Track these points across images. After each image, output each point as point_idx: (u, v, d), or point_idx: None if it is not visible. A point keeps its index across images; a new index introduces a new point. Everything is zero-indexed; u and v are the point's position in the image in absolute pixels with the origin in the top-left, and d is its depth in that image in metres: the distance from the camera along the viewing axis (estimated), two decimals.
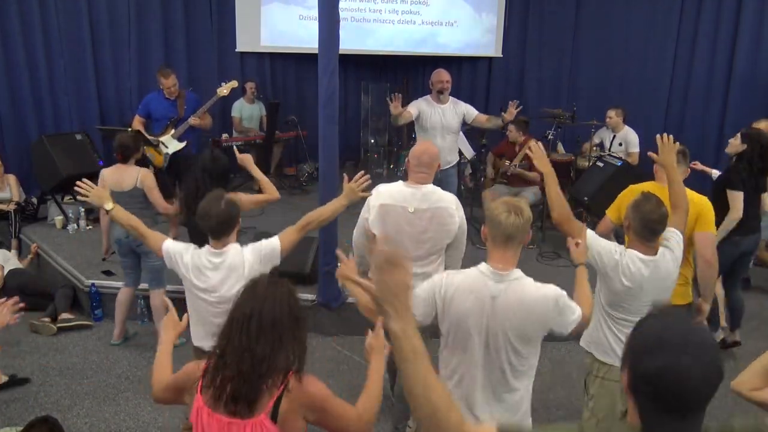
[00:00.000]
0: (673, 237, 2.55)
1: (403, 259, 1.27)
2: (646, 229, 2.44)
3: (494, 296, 2.03)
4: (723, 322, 4.36)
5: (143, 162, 5.35)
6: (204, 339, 2.62)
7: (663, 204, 2.47)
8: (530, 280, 2.11)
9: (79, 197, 2.86)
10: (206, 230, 2.55)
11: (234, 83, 5.70)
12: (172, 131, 5.35)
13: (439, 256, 2.98)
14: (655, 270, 2.46)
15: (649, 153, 2.95)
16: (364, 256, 3.07)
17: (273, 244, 2.61)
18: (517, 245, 2.08)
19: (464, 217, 2.96)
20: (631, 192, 3.11)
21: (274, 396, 1.61)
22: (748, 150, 3.91)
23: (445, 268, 3.06)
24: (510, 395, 2.12)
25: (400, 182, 2.98)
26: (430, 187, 2.91)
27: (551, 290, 2.09)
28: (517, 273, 2.08)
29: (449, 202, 2.90)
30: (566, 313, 2.09)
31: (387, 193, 2.94)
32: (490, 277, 2.05)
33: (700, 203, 3.03)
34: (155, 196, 4.05)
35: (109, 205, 2.82)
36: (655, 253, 2.48)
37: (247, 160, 3.50)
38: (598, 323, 2.62)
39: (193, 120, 5.36)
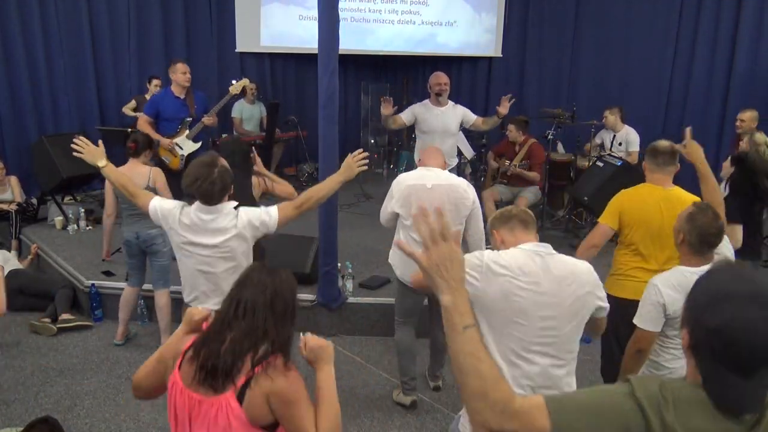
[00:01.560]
0: (723, 244, 2.45)
1: (449, 231, 1.22)
2: (703, 244, 2.34)
3: (548, 269, 2.00)
4: None
5: (159, 165, 5.33)
6: (188, 294, 2.75)
7: (719, 216, 2.38)
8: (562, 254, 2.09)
9: (74, 153, 2.94)
10: (202, 195, 2.57)
11: (245, 81, 5.64)
12: (186, 132, 5.28)
13: (458, 229, 3.22)
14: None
15: (677, 146, 2.92)
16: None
17: (271, 213, 2.66)
18: (534, 231, 2.13)
19: (477, 197, 3.26)
20: (624, 196, 3.04)
21: (243, 378, 1.60)
22: (737, 174, 3.65)
23: (468, 249, 3.24)
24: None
25: (420, 167, 3.34)
26: (445, 171, 3.32)
27: (585, 264, 2.07)
28: (550, 248, 2.06)
29: (461, 181, 3.28)
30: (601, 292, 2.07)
31: (407, 177, 3.27)
32: (538, 252, 2.02)
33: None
34: (166, 194, 4.06)
35: (102, 162, 2.91)
36: (709, 263, 2.36)
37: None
38: (654, 353, 2.48)
39: (207, 119, 5.28)
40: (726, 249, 2.47)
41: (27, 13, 6.65)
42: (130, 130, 6.16)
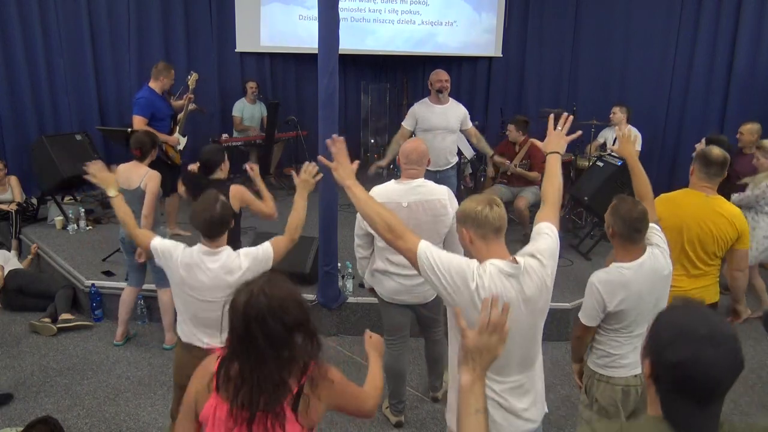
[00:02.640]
0: (653, 234, 2.54)
1: (504, 330, 1.39)
2: (630, 229, 2.42)
3: (522, 291, 1.97)
4: None
5: (164, 164, 5.37)
6: (192, 335, 2.68)
7: (639, 202, 2.49)
8: (529, 260, 2.03)
9: (86, 176, 2.93)
10: (201, 231, 2.58)
11: (195, 75, 5.77)
12: (177, 128, 5.44)
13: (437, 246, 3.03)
14: (643, 270, 2.43)
15: (611, 147, 3.02)
16: (366, 257, 3.20)
17: (267, 252, 2.65)
18: (503, 236, 2.07)
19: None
20: (662, 202, 3.05)
21: (295, 387, 1.63)
22: None
23: None
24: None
25: (392, 181, 3.11)
26: (420, 181, 3.04)
27: (537, 259, 2.03)
28: (522, 262, 2.02)
29: (441, 193, 3.01)
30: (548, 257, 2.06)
31: (381, 193, 3.03)
32: (512, 273, 1.96)
33: (742, 222, 3.02)
34: (150, 199, 4.03)
35: (112, 192, 2.89)
36: (642, 254, 2.46)
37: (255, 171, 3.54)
38: (598, 343, 2.58)
39: (192, 107, 5.62)
40: (658, 239, 2.53)
41: (27, 13, 6.65)
42: (130, 130, 6.16)
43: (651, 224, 2.54)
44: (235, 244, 2.82)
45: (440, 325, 3.34)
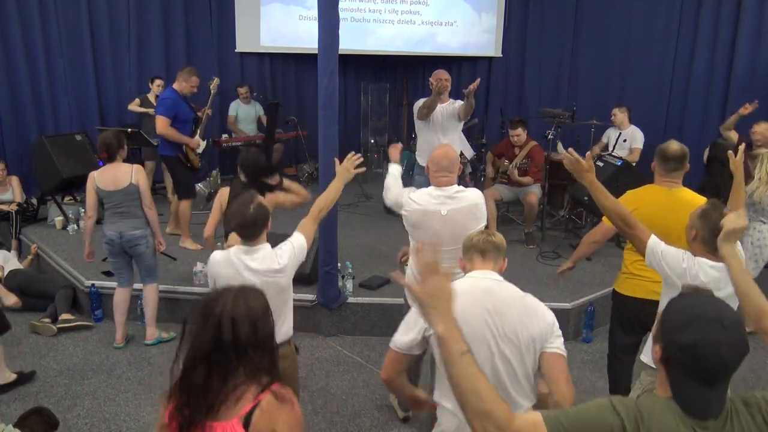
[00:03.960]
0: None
1: (442, 266, 1.37)
2: (716, 238, 2.32)
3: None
4: None
5: (183, 166, 5.37)
6: None
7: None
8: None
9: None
10: (238, 232, 2.55)
11: (217, 80, 5.84)
12: (198, 131, 5.43)
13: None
14: (725, 275, 2.35)
15: (730, 152, 3.11)
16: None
17: (301, 243, 2.65)
18: (493, 258, 2.14)
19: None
20: (629, 196, 3.05)
21: (248, 405, 1.58)
22: (712, 156, 3.93)
23: None
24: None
25: (432, 187, 2.97)
26: (456, 188, 2.94)
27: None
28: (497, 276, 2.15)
29: (476, 197, 2.96)
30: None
31: (421, 198, 2.93)
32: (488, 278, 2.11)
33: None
34: (147, 195, 4.06)
35: None
36: (722, 261, 2.36)
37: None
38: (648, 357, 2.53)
39: (209, 111, 5.63)
40: (738, 247, 2.42)
41: (27, 14, 6.65)
42: (129, 130, 6.16)
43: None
44: None
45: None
